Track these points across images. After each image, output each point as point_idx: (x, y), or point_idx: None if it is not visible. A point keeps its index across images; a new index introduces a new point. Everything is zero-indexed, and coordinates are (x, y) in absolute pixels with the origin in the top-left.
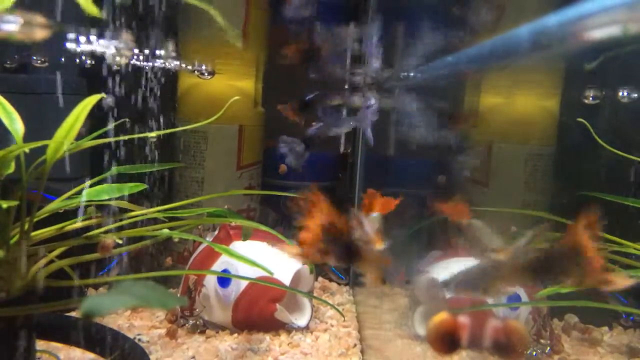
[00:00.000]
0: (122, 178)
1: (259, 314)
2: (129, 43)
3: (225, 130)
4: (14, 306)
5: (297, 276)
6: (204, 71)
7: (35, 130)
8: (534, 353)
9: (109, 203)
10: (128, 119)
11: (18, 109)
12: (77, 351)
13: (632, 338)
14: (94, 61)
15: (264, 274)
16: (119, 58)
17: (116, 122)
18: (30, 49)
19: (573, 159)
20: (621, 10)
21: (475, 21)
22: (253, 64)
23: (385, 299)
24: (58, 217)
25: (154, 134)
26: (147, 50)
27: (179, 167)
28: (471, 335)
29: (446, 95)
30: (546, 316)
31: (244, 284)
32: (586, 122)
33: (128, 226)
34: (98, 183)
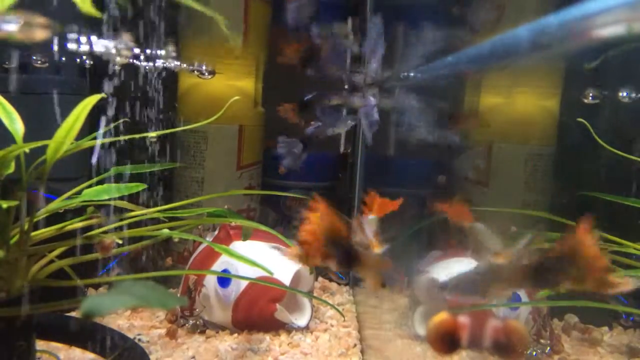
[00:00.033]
0: (121, 178)
1: (259, 314)
2: (128, 43)
3: (225, 130)
4: (14, 306)
5: (297, 276)
6: (204, 71)
7: (35, 130)
8: (534, 353)
9: (109, 203)
10: (128, 119)
11: (18, 109)
12: (77, 351)
13: (632, 338)
14: (94, 61)
15: (264, 274)
16: (118, 58)
17: (116, 123)
18: (30, 49)
19: (573, 159)
20: (621, 9)
21: (475, 21)
22: (253, 64)
23: (385, 299)
24: (58, 217)
25: (154, 134)
26: (147, 50)
27: (179, 167)
28: (471, 335)
29: (446, 95)
30: (546, 316)
31: (244, 284)
32: (586, 122)
33: (128, 226)
34: (98, 183)
